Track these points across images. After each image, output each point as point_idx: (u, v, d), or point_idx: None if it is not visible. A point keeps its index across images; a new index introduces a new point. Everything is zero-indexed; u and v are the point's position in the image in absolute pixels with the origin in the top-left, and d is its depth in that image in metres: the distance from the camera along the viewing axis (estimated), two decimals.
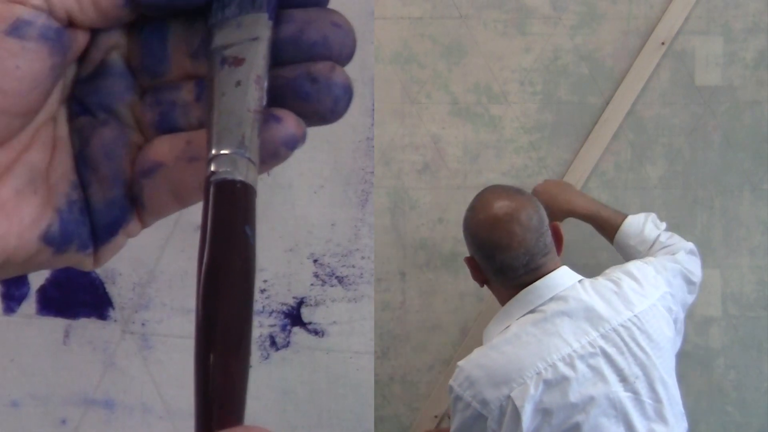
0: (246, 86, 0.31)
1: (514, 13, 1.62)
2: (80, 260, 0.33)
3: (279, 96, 0.32)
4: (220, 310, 0.29)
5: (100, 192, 0.33)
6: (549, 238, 1.36)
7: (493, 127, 1.63)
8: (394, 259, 1.63)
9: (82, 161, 0.33)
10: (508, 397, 1.24)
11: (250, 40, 0.32)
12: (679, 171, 1.62)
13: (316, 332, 0.77)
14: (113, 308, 0.76)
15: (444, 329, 1.65)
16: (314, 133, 0.35)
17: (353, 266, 0.76)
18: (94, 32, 0.33)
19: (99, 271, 0.76)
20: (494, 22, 1.62)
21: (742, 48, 1.61)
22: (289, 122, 0.32)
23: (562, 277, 1.34)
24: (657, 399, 1.30)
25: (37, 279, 0.76)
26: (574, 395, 1.25)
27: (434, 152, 1.62)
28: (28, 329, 0.75)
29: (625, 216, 1.51)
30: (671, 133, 1.62)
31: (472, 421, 1.27)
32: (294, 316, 0.76)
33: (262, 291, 0.76)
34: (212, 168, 0.30)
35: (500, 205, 1.35)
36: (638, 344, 1.29)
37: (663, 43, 1.59)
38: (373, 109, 0.76)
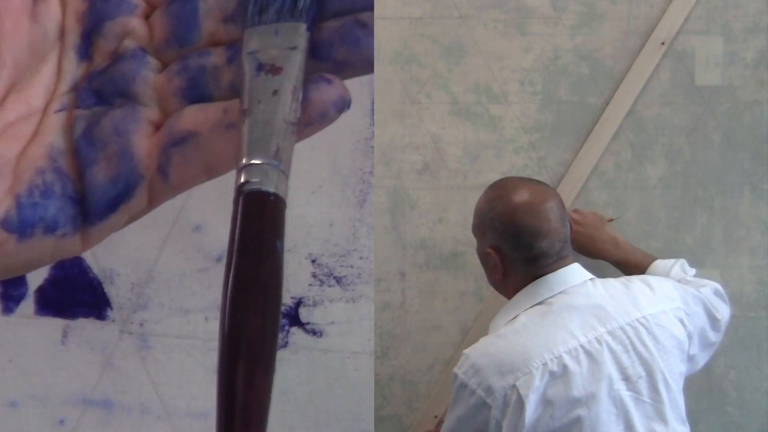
0: (283, 96, 0.31)
1: (514, 13, 1.62)
2: (57, 245, 0.33)
3: (326, 46, 0.32)
4: (249, 323, 0.29)
5: (105, 169, 0.32)
6: (568, 233, 1.37)
7: (493, 127, 1.63)
8: (394, 259, 1.63)
9: (85, 142, 0.33)
10: (513, 386, 1.24)
11: (289, 48, 0.31)
12: (679, 171, 1.62)
13: (314, 332, 0.77)
14: (111, 308, 0.76)
15: (444, 329, 1.65)
16: None
17: (351, 266, 0.76)
18: (99, 22, 0.33)
19: (97, 272, 0.76)
20: (494, 22, 1.62)
21: (742, 48, 1.61)
22: (338, 84, 0.32)
23: (574, 273, 1.35)
24: (659, 400, 1.29)
25: (36, 279, 0.76)
26: (578, 389, 1.25)
27: (434, 152, 1.62)
28: (27, 329, 0.75)
29: (654, 259, 1.51)
30: (671, 133, 1.62)
31: (476, 410, 1.26)
32: (292, 317, 0.76)
33: None
34: (243, 178, 0.30)
35: (532, 193, 1.35)
36: (644, 344, 1.29)
37: (663, 43, 1.59)
38: (372, 110, 0.76)
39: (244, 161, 0.30)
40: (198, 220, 0.75)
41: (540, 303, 1.32)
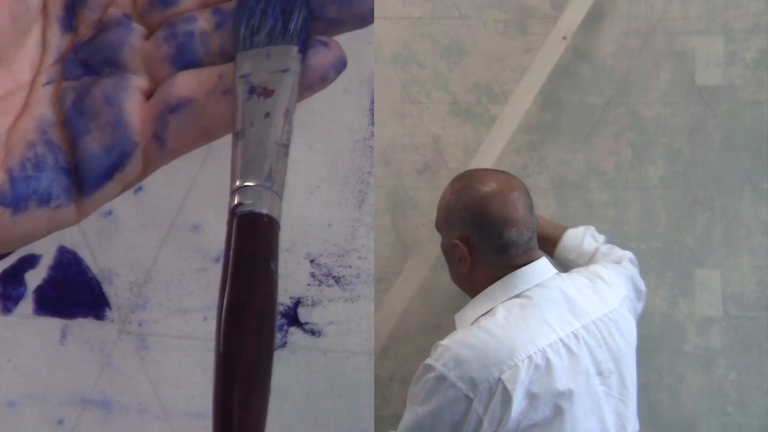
0: (275, 118, 0.31)
1: (514, 13, 1.62)
2: (52, 217, 0.33)
3: (318, 5, 0.32)
4: (244, 346, 0.29)
5: (98, 139, 0.32)
6: (536, 218, 1.37)
7: (493, 127, 1.62)
8: (394, 259, 1.63)
9: (76, 113, 0.33)
10: (499, 379, 1.22)
11: (280, 71, 0.32)
12: (680, 171, 1.62)
13: (313, 332, 0.77)
14: (110, 308, 0.76)
15: (444, 329, 1.64)
16: (311, 133, 0.35)
17: (350, 266, 0.76)
18: None
19: (96, 271, 0.76)
20: (494, 22, 1.61)
21: (742, 48, 1.61)
22: (335, 46, 0.33)
23: (545, 267, 1.34)
24: (625, 395, 1.31)
25: (35, 279, 0.76)
26: (561, 383, 1.25)
27: (434, 152, 1.62)
28: (25, 329, 0.75)
29: (565, 229, 1.51)
30: (671, 133, 1.62)
31: (454, 403, 1.23)
32: (291, 317, 0.76)
33: None
34: (236, 200, 0.30)
35: (499, 181, 1.35)
36: (614, 340, 1.30)
37: (564, 38, 1.58)
38: (371, 110, 0.76)
39: (237, 183, 0.30)
40: (196, 220, 0.75)
41: (517, 296, 1.31)
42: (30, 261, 0.75)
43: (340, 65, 0.33)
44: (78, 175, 0.33)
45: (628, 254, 1.47)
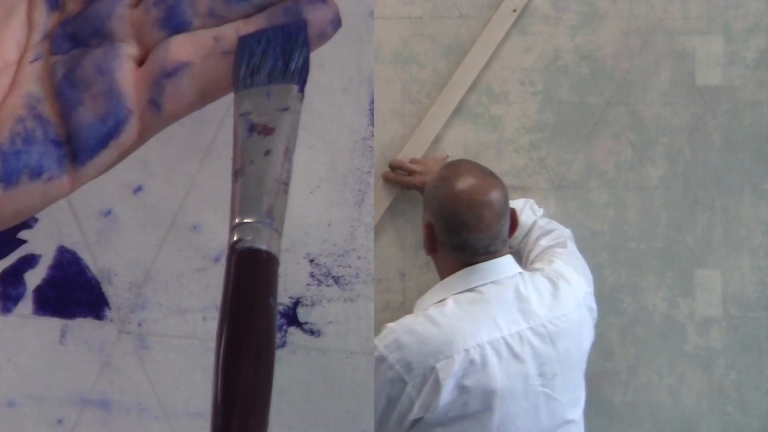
0: (275, 156, 0.31)
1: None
2: (45, 189, 0.33)
3: None
4: (243, 379, 0.29)
5: (92, 109, 0.33)
6: (508, 224, 1.37)
7: (493, 127, 1.63)
8: (394, 259, 1.63)
9: (68, 84, 0.33)
10: (433, 368, 1.25)
11: (281, 110, 0.32)
12: (680, 171, 1.62)
13: (312, 332, 0.77)
14: (109, 308, 0.76)
15: None
16: (311, 133, 0.35)
17: (349, 266, 0.76)
18: None
19: (95, 271, 0.76)
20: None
21: (742, 48, 1.61)
22: (332, 3, 0.33)
23: (507, 265, 1.36)
24: (568, 399, 1.32)
25: (34, 279, 0.76)
26: (494, 381, 1.26)
27: (434, 152, 1.62)
28: (25, 329, 0.75)
29: None
30: (672, 133, 1.62)
31: (390, 384, 1.27)
32: (290, 316, 0.76)
33: None
34: (236, 237, 0.30)
35: (475, 184, 1.36)
36: (563, 343, 1.31)
37: (515, 11, 1.59)
38: (371, 109, 0.76)
39: (236, 220, 0.30)
40: (196, 220, 0.75)
41: (470, 290, 1.33)
42: (29, 261, 0.75)
43: (337, 22, 0.33)
44: (72, 146, 0.33)
45: (568, 232, 1.49)
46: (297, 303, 0.76)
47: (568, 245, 1.46)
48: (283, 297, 0.76)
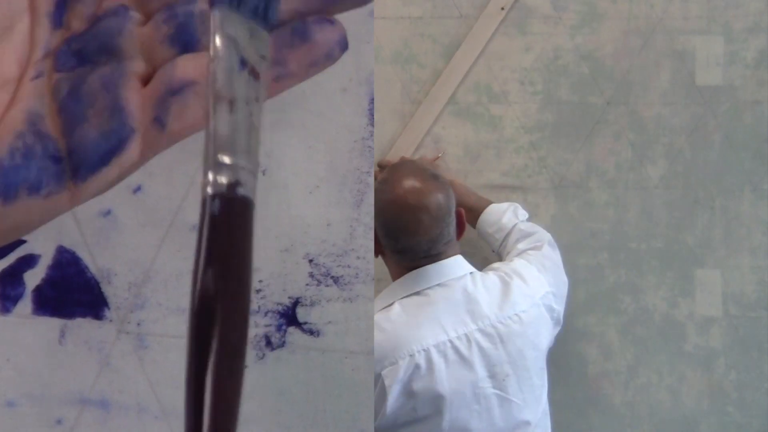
0: (259, 105, 0.31)
1: (514, 13, 1.61)
2: (44, 205, 0.33)
3: None
4: (218, 327, 0.28)
5: (95, 126, 0.32)
6: (454, 226, 1.36)
7: (493, 127, 1.63)
8: None
9: (72, 101, 0.33)
10: (379, 375, 1.25)
11: (261, 57, 0.31)
12: (680, 171, 1.62)
13: (311, 332, 0.77)
14: (109, 308, 0.76)
15: None
16: (310, 132, 0.35)
17: (349, 266, 0.76)
18: None
19: (95, 271, 0.76)
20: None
21: (742, 48, 1.61)
22: (339, 25, 0.33)
23: (454, 266, 1.35)
24: (523, 399, 1.31)
25: (33, 279, 0.76)
26: (442, 384, 1.25)
27: (434, 152, 1.62)
28: (24, 329, 0.75)
29: (489, 203, 1.52)
30: (672, 133, 1.62)
31: None
32: (289, 316, 0.76)
33: (258, 291, 0.76)
34: (210, 177, 0.29)
35: (413, 189, 1.34)
36: (514, 343, 1.30)
37: (503, 8, 1.59)
38: (370, 109, 0.76)
39: (212, 160, 0.30)
40: (195, 220, 0.75)
41: (417, 293, 1.32)
42: (29, 261, 0.75)
43: (345, 43, 0.33)
44: (72, 162, 0.33)
45: (548, 237, 1.48)
46: (296, 303, 0.76)
47: (543, 248, 1.44)
48: (283, 297, 0.76)
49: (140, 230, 0.75)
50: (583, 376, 1.63)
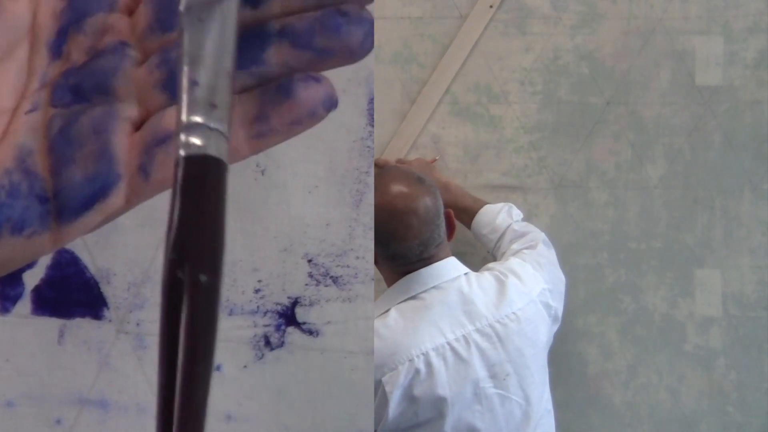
0: (224, 46, 0.30)
1: (514, 13, 1.62)
2: (26, 245, 0.32)
3: (306, 34, 0.32)
4: (187, 292, 0.28)
5: (82, 168, 0.32)
6: (443, 228, 1.36)
7: (493, 127, 1.63)
8: None
9: (62, 140, 0.32)
10: (380, 382, 1.25)
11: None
12: (680, 171, 1.62)
13: (310, 332, 0.77)
14: (108, 308, 0.76)
15: None
16: (309, 133, 0.34)
17: (348, 266, 0.76)
18: (78, 18, 0.33)
19: (94, 271, 0.76)
20: (494, 22, 1.61)
21: (742, 48, 1.61)
22: (326, 83, 0.32)
23: (448, 268, 1.34)
24: (525, 398, 1.31)
25: (33, 279, 0.76)
26: (443, 388, 1.25)
27: (434, 152, 1.62)
28: (23, 329, 0.75)
29: (484, 204, 1.53)
30: (671, 133, 1.62)
31: None
32: (288, 316, 0.76)
33: (257, 291, 0.76)
34: (182, 138, 0.29)
35: (400, 194, 1.33)
36: (513, 342, 1.29)
37: (491, 6, 1.59)
38: (368, 110, 0.76)
39: (183, 118, 0.29)
40: None
41: (412, 297, 1.32)
42: None
43: (330, 103, 0.33)
44: (57, 203, 0.32)
45: (542, 236, 1.47)
46: (295, 303, 0.76)
47: (538, 247, 1.44)
48: (282, 297, 0.76)
49: (139, 230, 0.75)
50: (583, 376, 1.63)
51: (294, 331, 0.76)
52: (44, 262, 0.75)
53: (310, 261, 0.76)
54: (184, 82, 0.29)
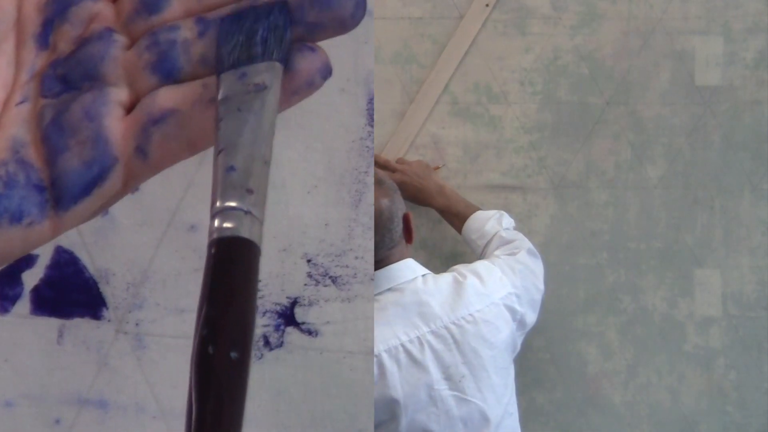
0: (260, 134, 0.31)
1: (514, 13, 1.62)
2: (25, 234, 0.32)
3: (298, 9, 0.32)
4: (217, 371, 0.28)
5: (77, 155, 0.32)
6: (398, 231, 1.36)
7: (493, 127, 1.63)
8: None
9: (55, 129, 0.32)
10: None
11: (262, 89, 0.31)
12: (680, 171, 1.62)
13: (309, 332, 0.77)
14: (107, 308, 0.76)
15: None
16: (308, 133, 0.35)
17: (347, 266, 0.77)
18: (63, 8, 0.33)
19: (93, 271, 0.76)
20: (494, 22, 1.61)
21: (742, 48, 1.61)
22: (321, 52, 0.33)
23: (403, 270, 1.34)
24: (483, 399, 1.30)
25: (32, 279, 0.76)
26: (395, 389, 1.25)
27: (434, 152, 1.62)
28: (22, 329, 0.75)
29: (476, 209, 1.53)
30: (671, 133, 1.62)
31: None
32: (287, 316, 0.76)
33: None
34: (217, 223, 0.29)
35: None
36: (469, 344, 1.29)
37: (487, 5, 1.59)
38: (368, 110, 0.76)
39: (218, 204, 0.30)
40: (193, 220, 0.75)
41: None
42: (27, 261, 0.75)
43: (326, 71, 0.33)
44: (55, 191, 0.32)
45: (527, 245, 1.46)
46: (294, 303, 0.76)
47: (519, 254, 1.43)
48: (281, 297, 0.76)
49: (138, 230, 0.76)
50: (582, 375, 1.63)
51: (293, 331, 0.77)
52: (43, 262, 0.75)
53: (309, 261, 0.76)
54: (220, 168, 0.30)
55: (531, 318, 1.40)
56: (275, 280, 0.76)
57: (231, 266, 0.29)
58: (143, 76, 0.33)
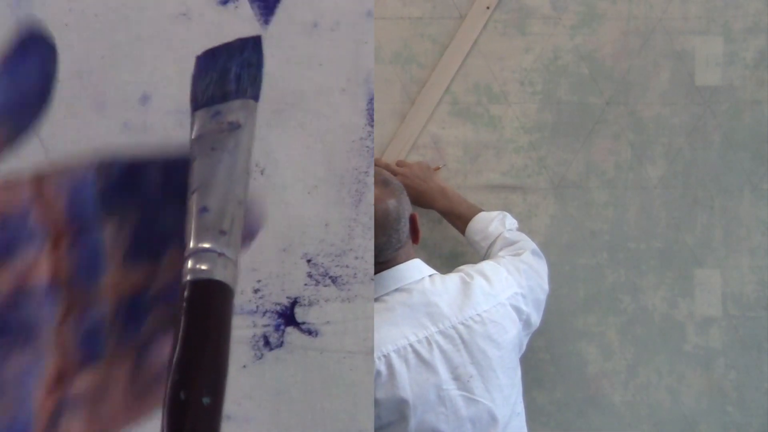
0: (233, 174, 0.30)
1: (514, 13, 1.62)
2: None
3: None
4: (192, 405, 0.28)
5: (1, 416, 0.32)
6: (405, 232, 1.35)
7: (493, 127, 1.63)
8: None
9: None
10: None
11: (235, 127, 0.30)
12: (679, 171, 1.62)
13: (309, 332, 0.77)
14: None
15: None
16: (308, 133, 0.34)
17: (347, 266, 0.77)
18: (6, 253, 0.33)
19: None
20: (494, 22, 1.62)
21: (742, 48, 1.61)
22: None
23: (411, 270, 1.34)
24: (491, 399, 1.30)
25: None
26: (404, 390, 1.24)
27: (434, 152, 1.62)
28: None
29: (479, 211, 1.53)
30: (671, 133, 1.62)
31: None
32: (287, 316, 0.77)
33: (256, 291, 0.76)
34: (191, 264, 0.29)
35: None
36: (476, 344, 1.28)
37: (488, 8, 1.59)
38: (368, 110, 0.77)
39: (191, 245, 0.29)
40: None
41: (375, 300, 1.31)
42: None
43: None
44: None
45: (531, 246, 1.46)
46: (294, 303, 0.76)
47: (523, 255, 1.43)
48: (281, 297, 0.76)
49: None
50: (582, 375, 1.63)
51: (293, 331, 0.77)
52: None
53: (309, 261, 0.77)
54: (194, 209, 0.29)
55: (535, 318, 1.40)
56: (275, 280, 0.76)
57: (205, 310, 0.29)
58: (71, 352, 0.32)
